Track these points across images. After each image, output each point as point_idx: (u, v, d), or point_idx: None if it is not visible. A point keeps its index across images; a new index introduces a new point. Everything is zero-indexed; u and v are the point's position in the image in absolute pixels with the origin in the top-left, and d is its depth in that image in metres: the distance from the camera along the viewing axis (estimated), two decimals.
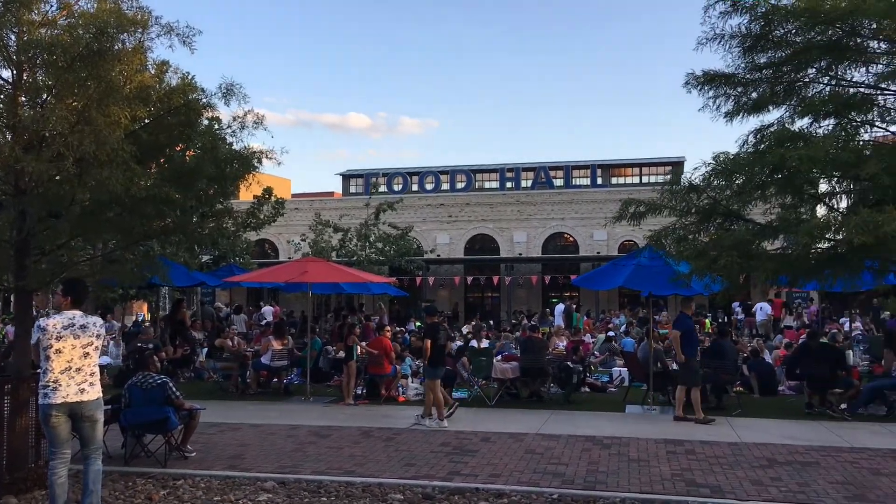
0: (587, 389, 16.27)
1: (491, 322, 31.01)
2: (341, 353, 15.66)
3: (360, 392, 15.24)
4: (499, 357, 15.80)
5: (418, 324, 28.76)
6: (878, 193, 6.34)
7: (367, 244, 27.79)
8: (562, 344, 18.88)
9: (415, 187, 45.65)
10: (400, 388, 15.36)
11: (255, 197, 23.79)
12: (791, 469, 9.09)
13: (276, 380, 16.33)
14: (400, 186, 45.83)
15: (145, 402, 9.41)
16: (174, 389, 9.59)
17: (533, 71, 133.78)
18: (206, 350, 18.93)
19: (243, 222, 21.63)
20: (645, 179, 47.12)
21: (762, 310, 26.46)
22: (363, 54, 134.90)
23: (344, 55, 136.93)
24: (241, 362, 16.36)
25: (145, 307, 36.64)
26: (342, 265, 20.22)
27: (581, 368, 16.38)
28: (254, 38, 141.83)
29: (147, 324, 24.32)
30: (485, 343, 17.84)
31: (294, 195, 55.82)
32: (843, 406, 13.25)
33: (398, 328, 24.73)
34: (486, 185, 50.27)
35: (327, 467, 9.26)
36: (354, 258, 27.12)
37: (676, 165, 44.48)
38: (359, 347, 15.20)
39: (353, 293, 25.93)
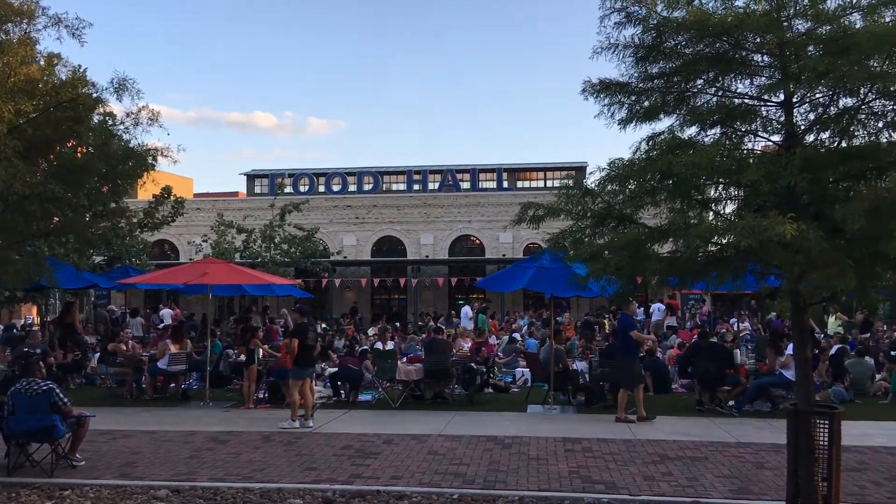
0: (490, 390, 16.48)
1: (397, 324, 31.00)
2: (243, 357, 15.33)
3: (261, 396, 14.96)
4: (403, 359, 15.81)
5: (324, 325, 28.49)
6: (759, 199, 6.65)
7: (272, 246, 27.32)
8: (466, 345, 19.06)
9: (322, 188, 45.19)
10: None
11: (154, 196, 23.10)
12: (681, 464, 9.45)
13: (173, 385, 15.84)
14: (306, 187, 45.30)
15: (29, 410, 8.98)
16: (61, 396, 9.18)
17: (442, 75, 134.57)
18: (97, 354, 18.19)
19: (140, 222, 21.01)
20: (549, 183, 48.07)
21: (659, 310, 27.44)
22: (270, 52, 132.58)
23: (250, 53, 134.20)
24: (135, 367, 15.80)
25: (34, 310, 34.89)
26: (245, 267, 19.81)
27: (484, 369, 16.58)
28: (156, 33, 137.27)
29: (35, 327, 23.16)
30: (390, 345, 17.80)
31: (196, 195, 54.34)
32: (731, 403, 13.87)
33: None
34: (394, 186, 50.24)
35: (225, 474, 9.06)
36: (259, 260, 26.61)
37: (579, 170, 45.56)
38: (261, 350, 14.92)
39: (257, 295, 25.43)
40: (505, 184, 47.46)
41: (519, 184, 50.27)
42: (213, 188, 77.14)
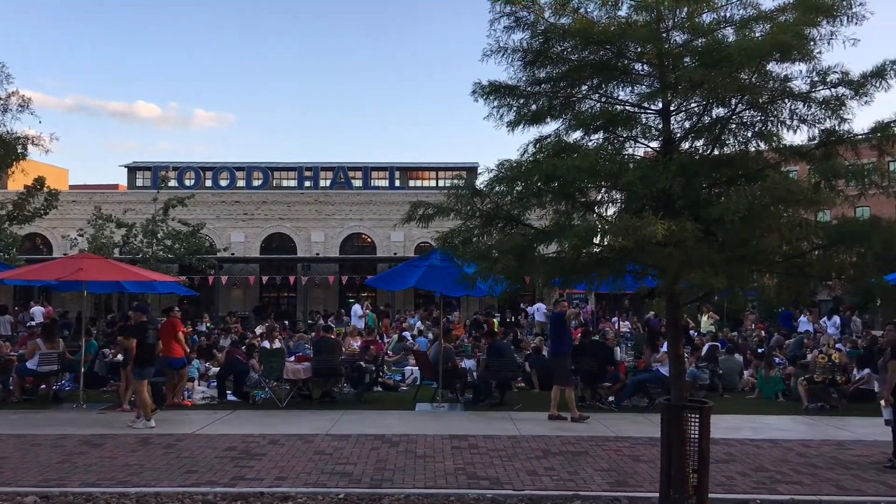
0: (380, 389, 16.46)
1: (286, 322, 30.49)
2: (119, 356, 14.70)
3: None
4: (292, 358, 15.57)
5: (209, 324, 27.67)
6: (639, 202, 6.92)
7: (155, 241, 26.31)
8: (356, 344, 18.96)
9: (208, 183, 43.87)
10: (186, 392, 14.68)
11: (25, 187, 21.80)
12: (563, 459, 9.73)
13: (43, 386, 15.02)
14: (192, 181, 43.88)
15: None
16: None
17: (335, 72, 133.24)
18: None
19: (9, 214, 19.79)
20: (441, 183, 48.46)
21: (539, 310, 28.14)
22: (155, 39, 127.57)
23: (134, 38, 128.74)
24: (2, 367, 14.87)
25: None
26: (125, 263, 18.98)
27: (374, 368, 16.55)
28: (29, 11, 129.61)
29: None
30: (277, 344, 17.49)
31: (72, 187, 51.77)
32: (611, 398, 14.39)
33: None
34: (285, 183, 49.43)
35: (98, 478, 8.66)
36: (140, 256, 25.59)
37: (470, 171, 46.12)
38: None
39: (137, 292, 24.42)
40: (397, 182, 47.49)
41: (411, 183, 50.42)
42: (92, 180, 73.57)
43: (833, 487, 8.46)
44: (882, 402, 9.70)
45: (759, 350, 19.20)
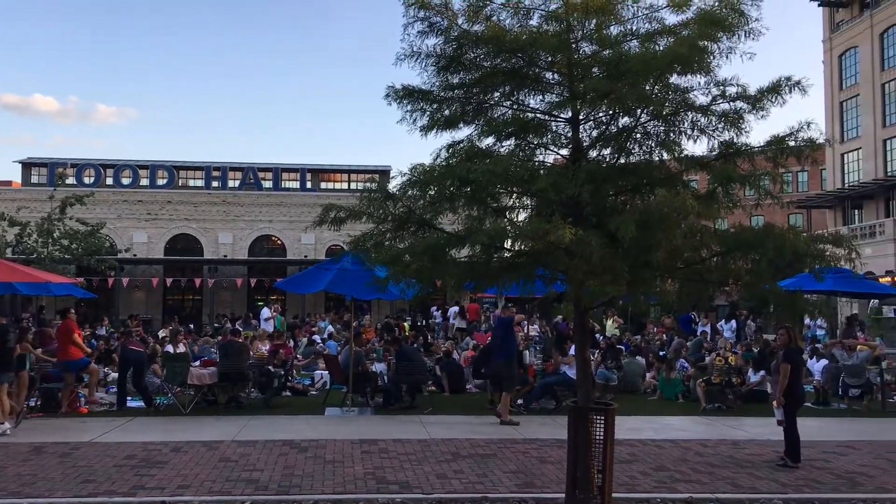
0: (288, 393, 16.21)
1: (191, 326, 29.67)
2: None
3: (33, 404, 13.71)
4: (197, 362, 15.15)
5: (108, 328, 26.64)
6: (549, 208, 7.07)
7: (50, 241, 25.17)
8: (264, 347, 18.60)
9: (109, 181, 42.34)
10: (82, 399, 14.08)
11: None
12: (472, 461, 9.80)
13: None
14: (92, 179, 42.23)
15: None
16: None
17: (245, 70, 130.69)
18: None
19: None
20: (354, 185, 48.19)
21: (454, 314, 28.37)
22: (54, 29, 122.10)
23: (30, 28, 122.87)
24: None
25: None
26: (18, 263, 18.08)
27: (282, 372, 16.29)
28: None
29: None
30: (181, 348, 16.97)
31: None
32: (520, 401, 14.58)
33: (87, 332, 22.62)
34: (191, 182, 48.14)
35: None
36: (34, 256, 24.43)
37: (383, 174, 46.07)
38: (33, 355, 13.69)
39: (31, 294, 23.30)
40: (308, 184, 46.96)
41: (323, 185, 49.97)
42: None
43: (729, 485, 8.82)
44: (774, 403, 10.18)
45: (661, 353, 19.86)
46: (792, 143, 6.86)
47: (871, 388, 15.21)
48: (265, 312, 27.60)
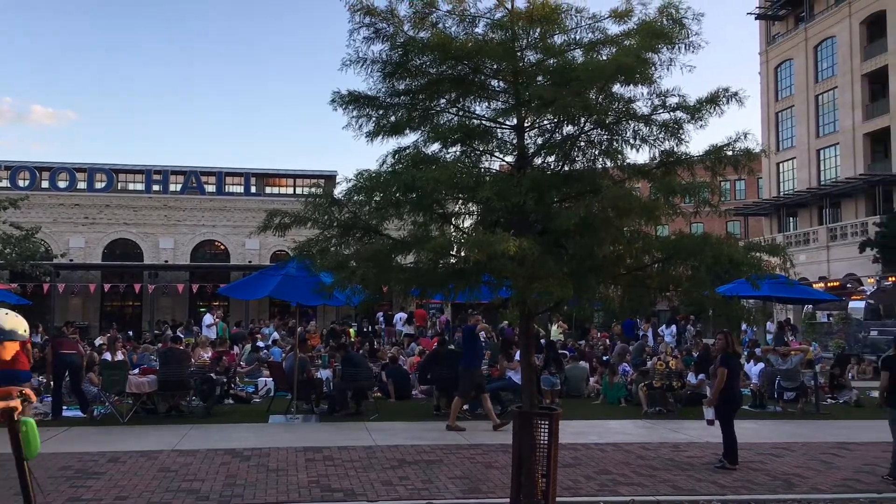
0: (231, 401, 15.96)
1: (130, 333, 29.01)
2: None
3: None
4: (136, 370, 14.80)
5: (44, 336, 25.84)
6: (494, 215, 7.12)
7: None
8: (206, 355, 18.29)
9: (45, 184, 41.11)
10: None
11: None
12: (418, 468, 9.79)
13: None
14: (27, 182, 40.95)
15: None
16: None
17: (188, 72, 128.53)
18: None
19: None
20: (299, 190, 47.74)
21: (400, 320, 28.36)
22: None
23: None
24: None
25: None
26: None
27: (225, 380, 16.03)
28: None
29: None
30: (119, 356, 16.58)
31: None
32: (466, 407, 14.61)
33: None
34: (131, 186, 47.03)
35: None
36: None
37: (329, 179, 45.75)
38: None
39: None
40: (253, 189, 46.36)
41: (268, 189, 49.38)
42: None
43: (669, 487, 8.98)
44: (705, 403, 10.41)
45: (604, 358, 20.14)
46: (730, 153, 7.06)
47: (805, 391, 15.67)
48: (207, 319, 27.17)
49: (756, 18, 56.71)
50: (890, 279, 26.84)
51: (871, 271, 36.09)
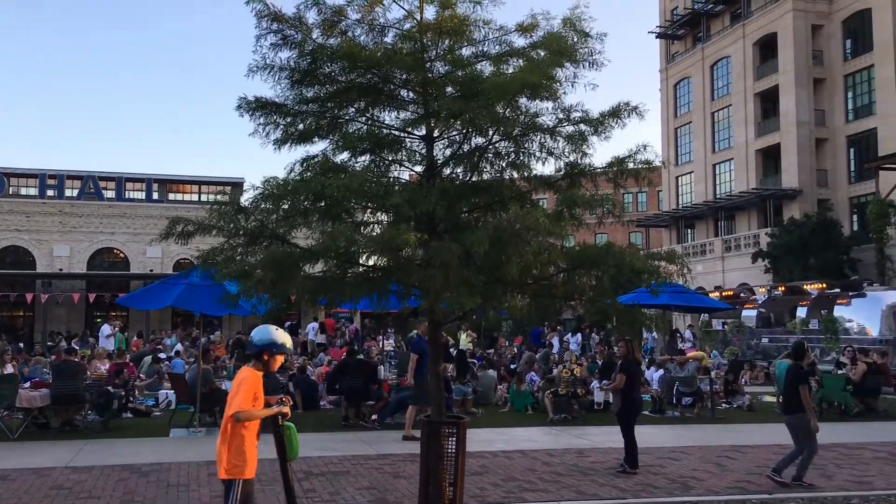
0: (130, 415, 15.37)
1: (21, 345, 27.62)
2: None
3: None
4: (26, 384, 14.07)
5: None
6: (403, 223, 7.14)
7: None
8: (104, 367, 17.58)
9: None
10: None
11: None
12: (325, 480, 9.67)
13: None
14: None
15: None
16: None
17: (87, 74, 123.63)
18: None
19: None
20: (205, 197, 46.59)
21: (313, 329, 28.01)
22: None
23: None
24: None
25: None
26: None
27: (123, 393, 15.45)
28: None
29: None
30: (9, 369, 15.72)
31: None
32: (374, 417, 14.56)
33: None
34: (23, 191, 44.88)
35: None
36: None
37: (236, 186, 44.83)
38: None
39: None
40: (155, 195, 45.00)
41: (171, 196, 47.98)
42: None
43: (573, 493, 9.17)
44: (605, 384, 10.60)
45: (512, 366, 20.43)
46: (631, 165, 7.30)
47: (701, 397, 16.30)
48: (105, 329, 26.14)
49: (657, 37, 58.91)
50: (780, 289, 28.27)
51: (762, 281, 37.92)
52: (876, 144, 41.25)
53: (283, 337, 5.73)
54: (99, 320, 34.95)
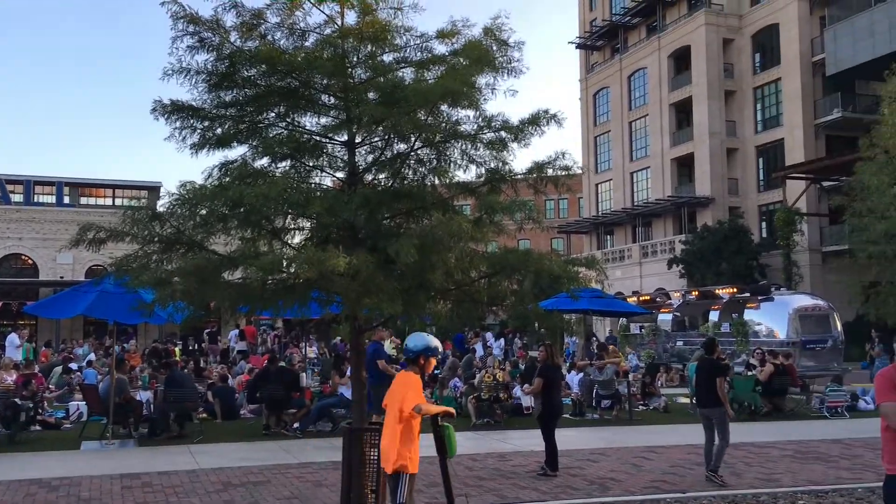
0: (39, 427, 14.74)
1: None
2: None
3: None
4: None
5: None
6: (324, 231, 7.09)
7: None
8: (10, 378, 16.80)
9: None
10: None
11: None
12: (244, 490, 9.49)
13: None
14: None
15: None
16: None
17: None
18: None
19: None
20: (120, 202, 45.17)
21: (233, 337, 27.46)
22: None
23: None
24: None
25: None
26: None
27: (31, 405, 14.80)
28: None
29: None
30: None
31: None
32: (296, 425, 14.36)
33: None
34: None
35: None
36: None
37: (153, 190, 43.62)
38: None
39: None
40: (66, 199, 43.37)
41: (84, 200, 46.34)
42: None
43: (495, 496, 9.26)
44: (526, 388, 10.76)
45: (435, 372, 20.46)
46: (550, 172, 7.43)
47: (619, 399, 16.69)
48: (13, 339, 24.99)
49: (576, 48, 60.16)
50: (693, 293, 29.16)
51: (678, 286, 39.10)
52: (783, 154, 43.11)
53: (435, 342, 6.24)
54: (6, 329, 33.42)
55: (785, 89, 43.54)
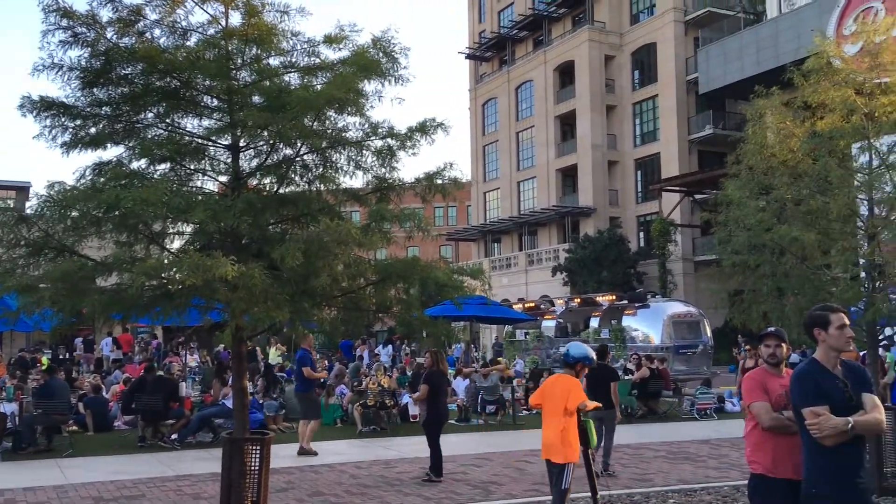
0: None
1: None
2: None
3: None
4: None
5: None
6: (205, 237, 6.89)
7: None
8: None
9: None
10: None
11: None
12: None
13: None
14: None
15: None
16: None
17: None
18: None
19: None
20: None
21: (107, 345, 26.19)
22: None
23: None
24: None
25: None
26: None
27: None
28: None
29: None
30: None
31: None
32: (174, 436, 13.86)
33: None
34: None
35: None
36: None
37: (21, 190, 41.12)
38: None
39: None
40: None
41: None
42: None
43: None
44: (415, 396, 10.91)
45: (322, 380, 20.21)
46: (439, 181, 7.51)
47: (504, 405, 17.00)
48: None
49: (466, 58, 61.00)
50: (575, 300, 30.08)
51: (562, 293, 40.21)
52: (660, 168, 45.15)
53: (592, 353, 7.29)
54: None
55: (661, 105, 45.62)
